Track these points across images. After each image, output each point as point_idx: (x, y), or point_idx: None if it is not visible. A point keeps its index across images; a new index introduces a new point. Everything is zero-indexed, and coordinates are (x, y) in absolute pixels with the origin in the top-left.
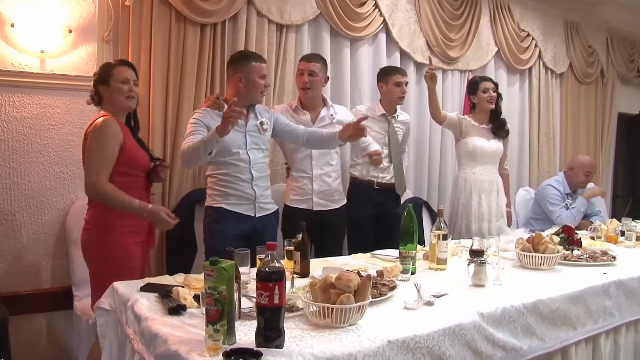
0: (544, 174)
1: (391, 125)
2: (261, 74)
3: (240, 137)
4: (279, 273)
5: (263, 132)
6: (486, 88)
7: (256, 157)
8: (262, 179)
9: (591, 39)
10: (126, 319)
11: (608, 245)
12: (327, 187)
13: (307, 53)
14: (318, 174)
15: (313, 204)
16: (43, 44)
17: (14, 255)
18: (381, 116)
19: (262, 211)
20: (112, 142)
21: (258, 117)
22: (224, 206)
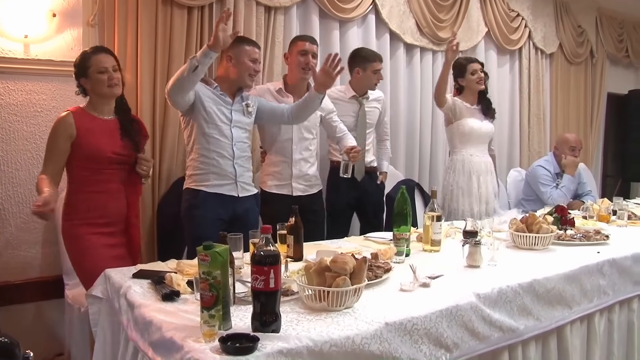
0: (534, 154)
1: (362, 107)
2: (252, 57)
3: (226, 112)
4: (275, 256)
5: (247, 114)
6: (474, 70)
7: (239, 136)
8: (243, 159)
9: (581, 19)
10: (119, 306)
11: (601, 225)
12: (306, 172)
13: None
14: (297, 158)
15: (292, 189)
16: (27, 28)
17: (3, 244)
18: (352, 98)
19: (244, 191)
20: (61, 139)
21: (244, 98)
22: (203, 189)
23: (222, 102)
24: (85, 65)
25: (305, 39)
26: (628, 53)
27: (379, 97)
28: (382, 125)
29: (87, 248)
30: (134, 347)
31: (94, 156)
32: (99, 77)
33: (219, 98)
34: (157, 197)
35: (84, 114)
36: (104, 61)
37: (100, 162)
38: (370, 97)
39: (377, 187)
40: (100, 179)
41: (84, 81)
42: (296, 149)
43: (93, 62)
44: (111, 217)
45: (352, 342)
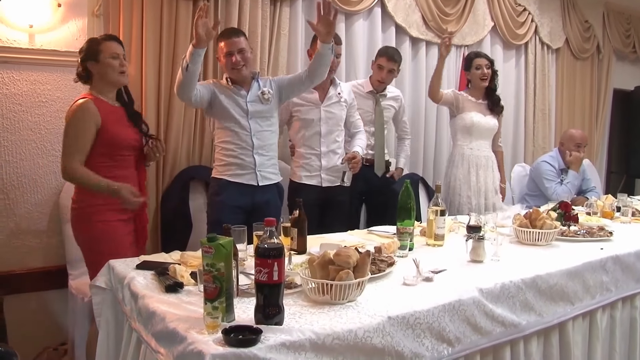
0: (539, 149)
1: (379, 103)
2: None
3: (242, 104)
4: (278, 249)
5: (265, 102)
6: (479, 65)
7: (259, 126)
8: (265, 148)
9: (587, 14)
10: (123, 296)
11: (604, 221)
12: (333, 164)
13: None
14: (325, 150)
15: (322, 180)
16: (32, 18)
17: (7, 234)
18: (369, 93)
19: (264, 180)
20: (88, 125)
21: (259, 86)
22: (225, 177)
23: (236, 95)
24: (97, 49)
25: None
26: (635, 49)
27: (396, 96)
28: (400, 124)
29: (113, 233)
30: (137, 338)
31: (117, 143)
32: (111, 62)
33: (232, 92)
34: (161, 188)
35: (99, 101)
36: (116, 47)
37: (121, 149)
38: (388, 95)
39: (386, 181)
40: (118, 165)
41: (92, 65)
42: (324, 141)
43: (105, 47)
44: None
45: (354, 336)
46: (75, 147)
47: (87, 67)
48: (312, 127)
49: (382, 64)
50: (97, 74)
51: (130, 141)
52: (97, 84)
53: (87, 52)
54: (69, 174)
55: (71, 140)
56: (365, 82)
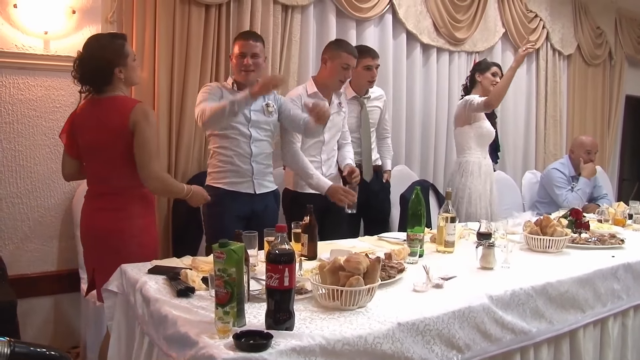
0: (550, 156)
1: (364, 108)
2: (238, 52)
3: (245, 112)
4: (289, 255)
5: (268, 114)
6: (495, 72)
7: (258, 135)
8: (262, 157)
9: (599, 20)
10: (135, 301)
11: (616, 229)
12: (332, 172)
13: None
14: (325, 159)
15: None
16: (47, 25)
17: (21, 238)
18: (353, 99)
19: (262, 188)
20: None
21: (265, 98)
22: (222, 187)
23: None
24: (125, 52)
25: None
26: None
27: (379, 95)
28: (382, 123)
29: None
30: (149, 342)
31: None
32: (134, 65)
33: None
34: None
35: None
36: (131, 50)
37: None
38: (372, 96)
39: (382, 186)
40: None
41: (119, 70)
42: (325, 149)
43: (129, 50)
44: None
45: (364, 341)
46: (159, 152)
47: (113, 73)
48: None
49: (369, 64)
50: (125, 78)
51: None
52: (120, 88)
53: (115, 56)
54: (162, 181)
55: (154, 145)
56: (346, 89)
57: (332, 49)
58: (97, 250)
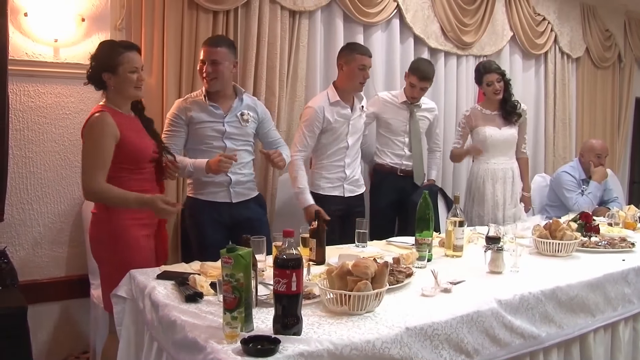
0: (559, 160)
1: (413, 114)
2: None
3: (218, 126)
4: (297, 260)
5: (244, 123)
6: (490, 81)
7: (233, 146)
8: (240, 166)
9: (608, 23)
10: (144, 306)
11: (626, 232)
12: (355, 174)
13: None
14: (349, 162)
15: (344, 191)
16: (56, 32)
17: (32, 244)
18: (403, 104)
19: (239, 197)
20: (107, 140)
21: (239, 108)
22: (200, 197)
23: (213, 116)
24: (117, 60)
25: (365, 53)
26: None
27: (431, 108)
28: (433, 136)
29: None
30: (158, 347)
31: (137, 155)
32: (129, 77)
33: (209, 113)
34: (181, 199)
35: (116, 113)
36: (136, 60)
37: (141, 161)
38: (423, 106)
39: (419, 191)
40: (139, 178)
41: (108, 77)
42: (349, 153)
43: (126, 59)
44: (152, 218)
45: (372, 346)
46: (95, 164)
47: (102, 77)
48: (340, 141)
49: (414, 83)
50: (114, 86)
51: (150, 152)
52: (112, 96)
53: (104, 60)
54: (93, 193)
55: (91, 157)
56: (400, 93)
57: (345, 53)
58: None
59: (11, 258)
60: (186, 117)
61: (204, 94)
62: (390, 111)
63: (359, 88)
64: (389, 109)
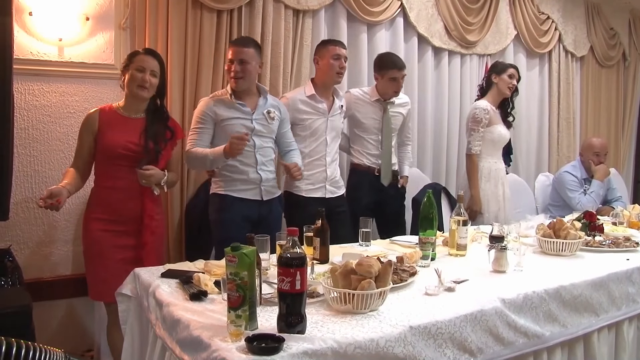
0: (563, 159)
1: (386, 112)
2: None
3: (246, 123)
4: (301, 259)
5: (270, 121)
6: (512, 74)
7: (262, 143)
8: (267, 163)
9: (613, 21)
10: (148, 304)
11: (630, 231)
12: (336, 174)
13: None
14: (329, 161)
15: (326, 192)
16: (61, 32)
17: (37, 242)
18: (376, 101)
19: (268, 195)
20: (85, 134)
21: (265, 106)
22: (230, 194)
23: (241, 113)
24: (130, 60)
25: (337, 44)
26: None
27: (404, 102)
28: (405, 130)
29: (95, 243)
30: (162, 345)
31: (105, 150)
32: (134, 74)
33: (237, 110)
34: (185, 199)
35: (110, 111)
36: (146, 61)
37: (111, 157)
38: (396, 102)
39: (397, 191)
40: (112, 175)
41: (122, 76)
42: (329, 152)
43: (137, 59)
44: (123, 216)
45: (376, 345)
46: (75, 153)
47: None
48: (318, 137)
49: (395, 76)
50: (124, 84)
51: (120, 150)
52: (125, 95)
53: (124, 62)
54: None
55: (76, 147)
56: (371, 89)
57: (319, 48)
58: None
59: (16, 256)
60: (214, 115)
61: (230, 93)
62: (363, 109)
63: (336, 79)
64: (361, 106)
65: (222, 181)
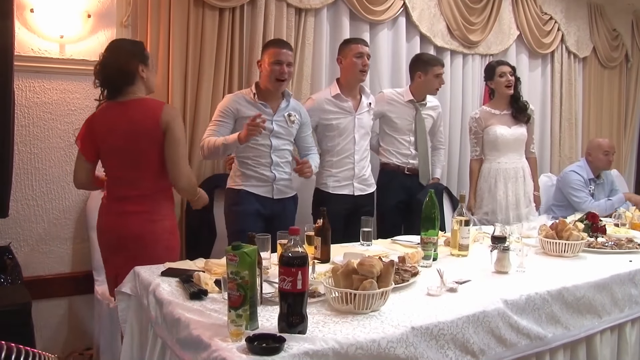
0: (565, 160)
1: (419, 112)
2: (273, 60)
3: (266, 123)
4: (302, 258)
5: (290, 124)
6: (503, 72)
7: (279, 144)
8: (282, 164)
9: (615, 22)
10: (148, 303)
11: (633, 233)
12: (365, 172)
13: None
14: (358, 159)
15: (354, 189)
16: (62, 29)
17: (36, 240)
18: (409, 102)
19: (280, 194)
20: None
21: (287, 108)
22: (244, 188)
23: (263, 113)
24: (147, 54)
25: (357, 41)
26: None
27: (435, 106)
28: (437, 134)
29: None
30: (162, 344)
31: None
32: (155, 70)
33: (259, 110)
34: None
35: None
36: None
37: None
38: (427, 104)
39: (424, 190)
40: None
41: (143, 70)
42: (357, 150)
43: (149, 54)
44: None
45: (377, 346)
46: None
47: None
48: (347, 136)
49: (440, 72)
50: (146, 79)
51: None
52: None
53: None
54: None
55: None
56: (405, 90)
57: (342, 47)
58: (123, 254)
59: (16, 254)
60: (235, 111)
61: (254, 92)
62: (396, 109)
63: (360, 77)
64: (394, 107)
65: (238, 176)
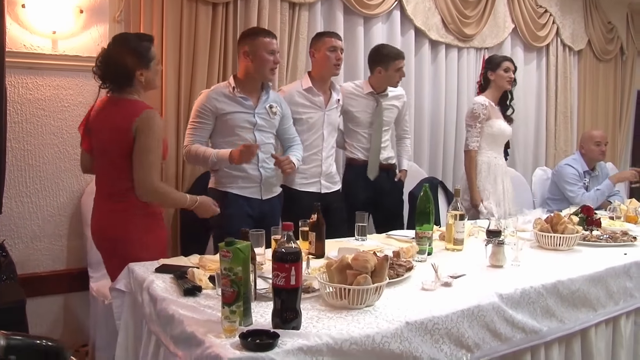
0: (560, 153)
1: (380, 105)
2: (269, 49)
3: (248, 117)
4: (296, 254)
5: (272, 116)
6: (508, 67)
7: (263, 139)
8: (268, 160)
9: (611, 15)
10: (142, 300)
11: (628, 226)
12: (331, 169)
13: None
14: (325, 156)
15: (321, 187)
16: (54, 24)
17: (30, 236)
18: (368, 94)
19: (268, 193)
20: (161, 138)
21: (268, 100)
22: (231, 191)
23: (243, 107)
24: (150, 55)
25: (331, 35)
26: None
27: (399, 94)
28: (402, 123)
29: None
30: (156, 340)
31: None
32: (157, 69)
33: (239, 104)
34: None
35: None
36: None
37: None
38: (390, 94)
39: (394, 185)
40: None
41: (142, 74)
42: (325, 146)
43: (154, 53)
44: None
45: (372, 341)
46: (157, 163)
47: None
48: (316, 131)
49: (402, 66)
50: (146, 81)
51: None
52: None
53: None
54: (156, 192)
55: (154, 155)
56: (364, 83)
57: (314, 40)
58: (101, 252)
59: (10, 251)
60: (214, 108)
61: (233, 86)
62: (356, 103)
63: (334, 71)
64: (354, 100)
65: (222, 177)
